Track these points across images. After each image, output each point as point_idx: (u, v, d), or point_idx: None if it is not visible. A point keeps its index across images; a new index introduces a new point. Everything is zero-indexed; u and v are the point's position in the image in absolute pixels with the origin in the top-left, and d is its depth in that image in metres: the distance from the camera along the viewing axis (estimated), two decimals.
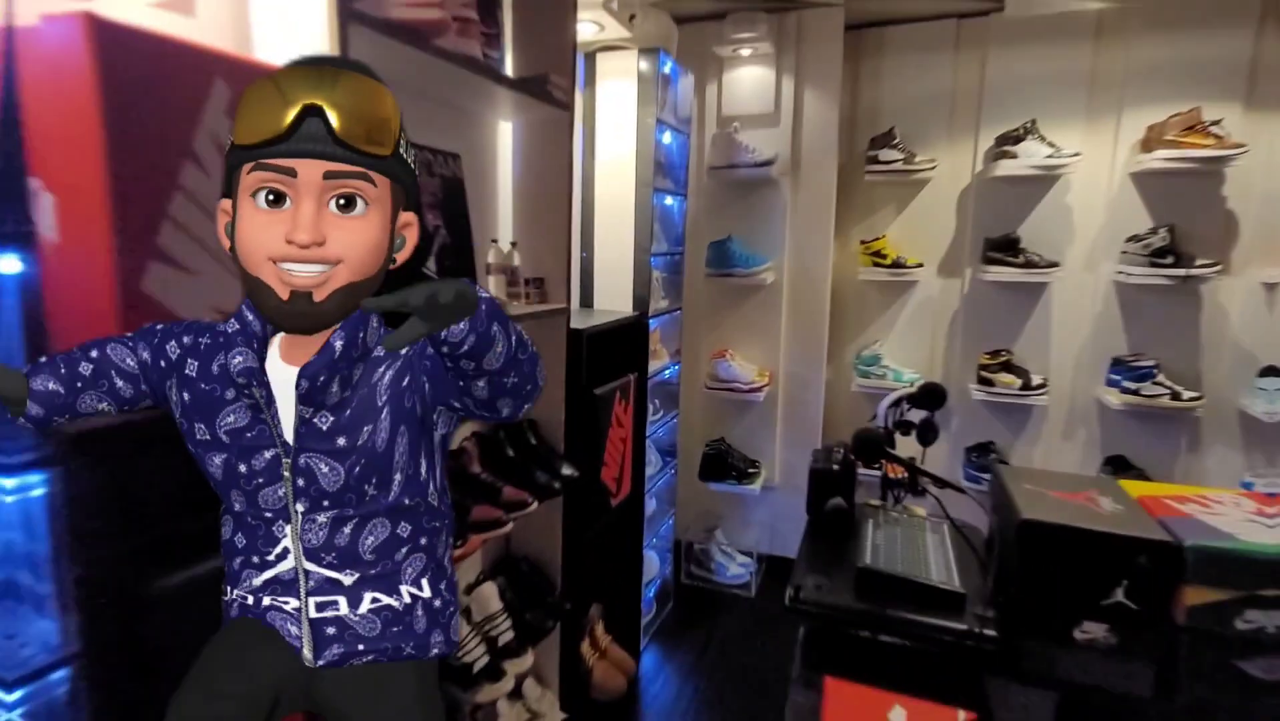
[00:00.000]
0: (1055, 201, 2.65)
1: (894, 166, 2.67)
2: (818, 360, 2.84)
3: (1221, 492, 1.70)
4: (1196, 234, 2.44)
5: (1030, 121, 2.50)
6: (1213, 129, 2.26)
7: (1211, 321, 2.51)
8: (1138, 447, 2.64)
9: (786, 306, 2.83)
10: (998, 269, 2.60)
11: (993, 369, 2.66)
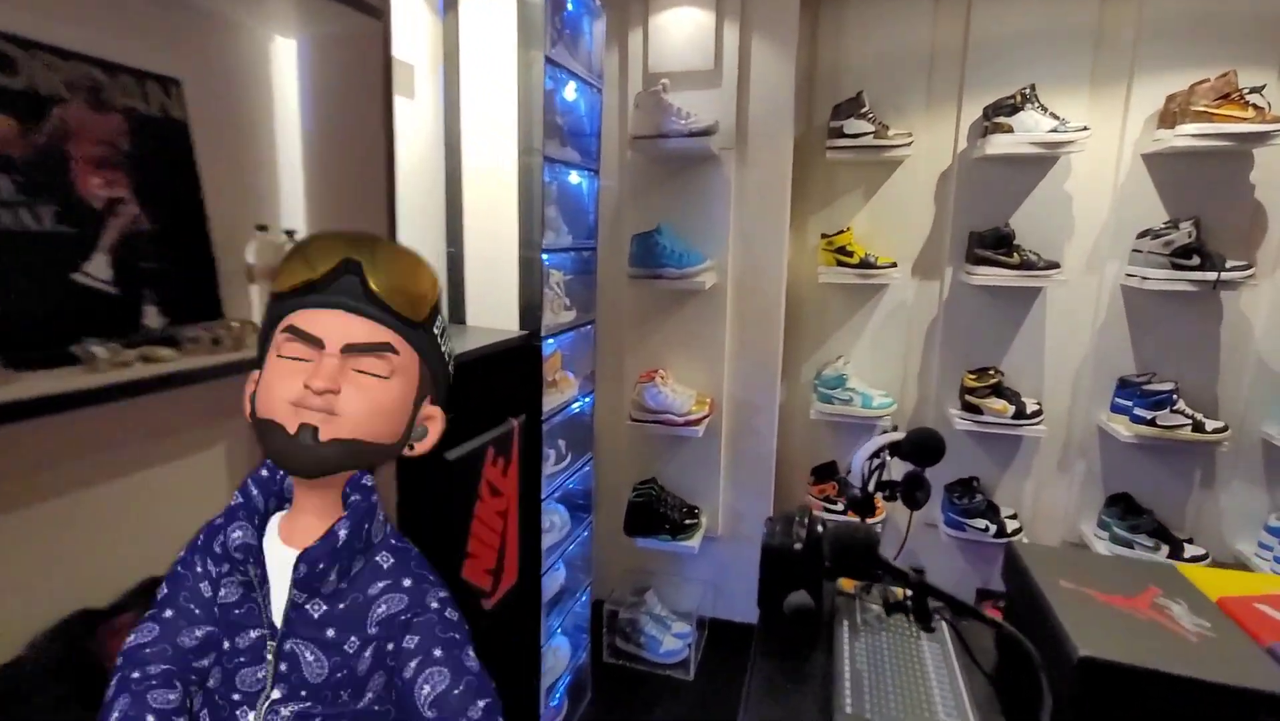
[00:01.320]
0: (1053, 189, 2.18)
1: (862, 141, 2.14)
2: (770, 382, 2.29)
3: None
4: (1220, 230, 2.01)
5: (1029, 87, 2.01)
6: (1251, 98, 1.82)
7: (1232, 335, 2.10)
8: (1145, 485, 2.21)
9: (731, 316, 2.26)
10: (987, 270, 2.12)
11: (981, 392, 2.17)
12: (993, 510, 2.27)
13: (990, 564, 2.46)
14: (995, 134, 2.02)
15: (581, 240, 1.79)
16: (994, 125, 2.03)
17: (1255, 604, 1.16)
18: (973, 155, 2.18)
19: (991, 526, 2.21)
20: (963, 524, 2.24)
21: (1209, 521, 2.19)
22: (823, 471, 2.43)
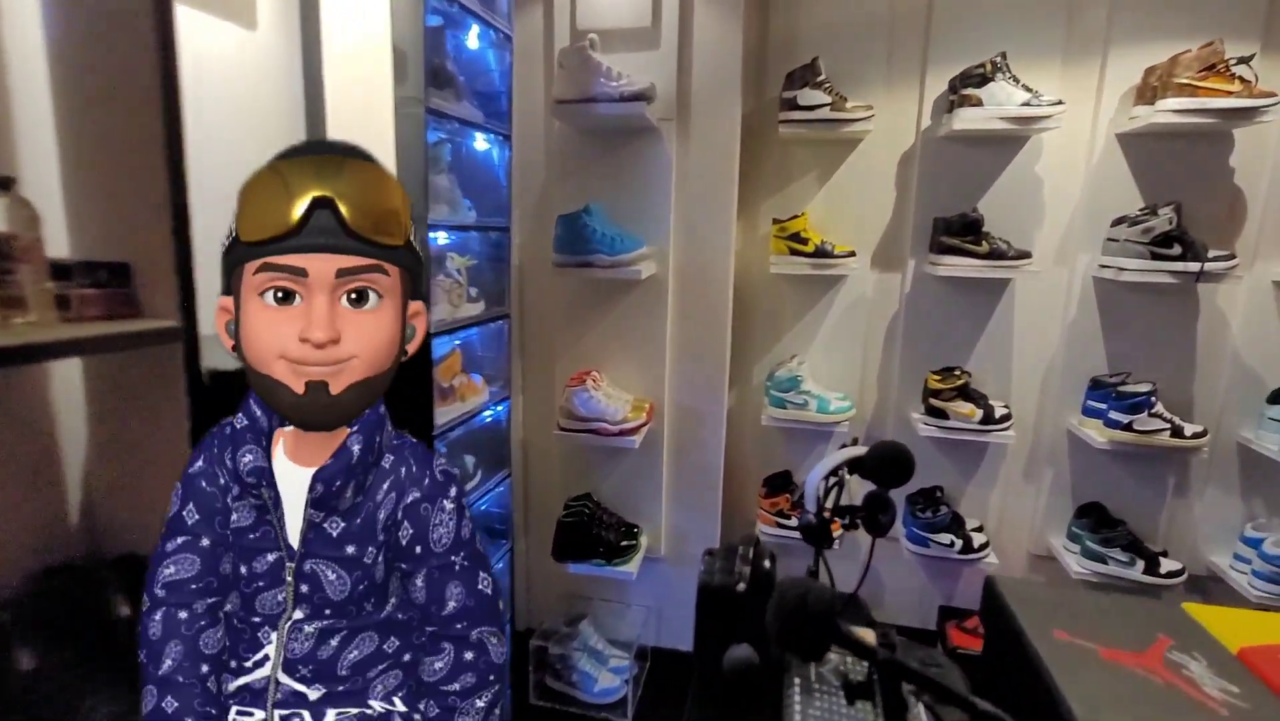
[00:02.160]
0: (1023, 171, 1.99)
1: (818, 114, 1.91)
2: (717, 384, 2.04)
3: None
4: (1198, 217, 1.86)
5: (999, 56, 1.81)
6: (1237, 70, 1.66)
7: (1208, 331, 1.95)
8: (1117, 493, 2.05)
9: (674, 310, 2.01)
10: (954, 259, 1.91)
11: (946, 395, 1.97)
12: (958, 523, 2.08)
13: (954, 579, 2.27)
14: (963, 107, 1.82)
15: (490, 218, 1.51)
16: (961, 98, 1.82)
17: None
18: (937, 133, 1.97)
19: (957, 541, 2.02)
20: (926, 539, 2.04)
21: (1182, 531, 2.05)
22: (775, 482, 2.20)
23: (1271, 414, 1.86)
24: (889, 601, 2.34)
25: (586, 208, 1.77)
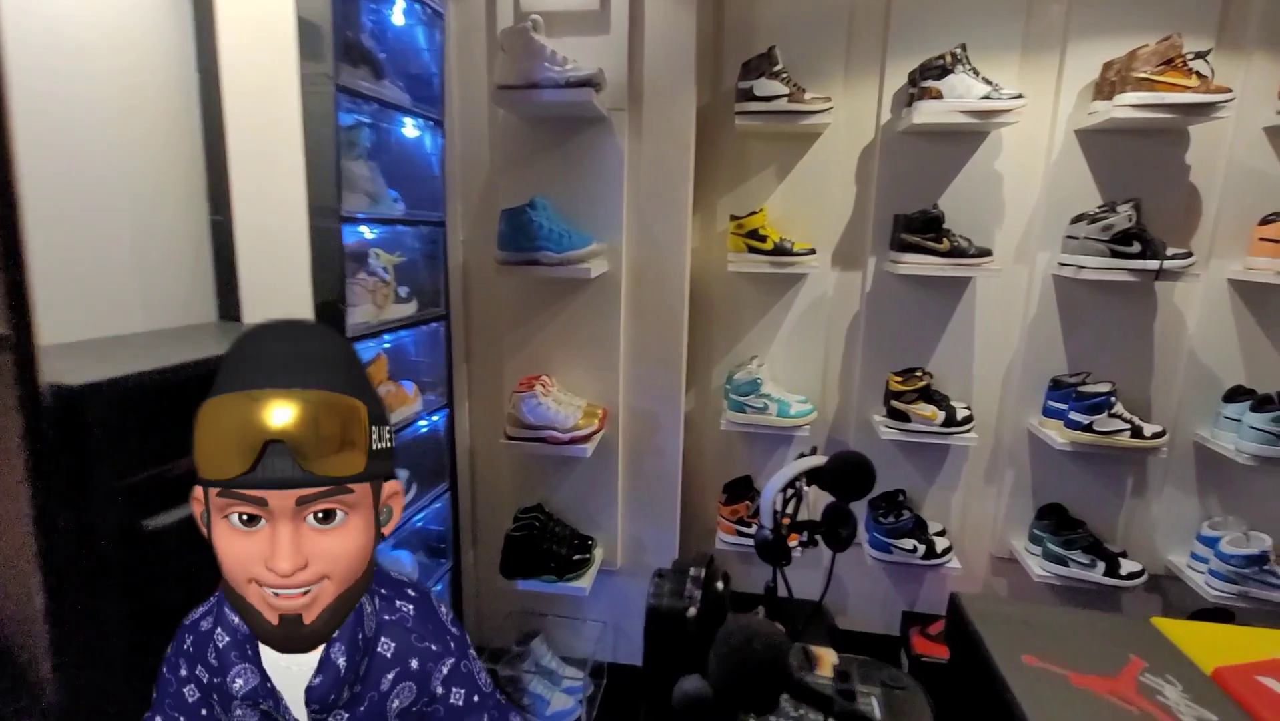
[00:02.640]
0: (983, 168, 1.95)
1: (775, 105, 1.83)
2: (673, 388, 1.95)
3: None
4: (1156, 214, 1.84)
5: (960, 47, 1.76)
6: (1194, 65, 1.63)
7: (1165, 330, 1.94)
8: (1077, 494, 2.03)
9: (628, 311, 1.91)
10: (915, 258, 1.86)
11: (908, 397, 1.92)
12: (920, 527, 2.03)
13: (918, 584, 2.23)
14: (922, 100, 1.76)
15: (422, 211, 1.38)
16: (921, 90, 1.76)
17: (1257, 676, 0.92)
18: (897, 127, 1.92)
19: (920, 547, 1.96)
20: (889, 545, 1.99)
21: (1141, 531, 2.04)
22: (736, 489, 2.12)
23: (1227, 412, 1.85)
24: (852, 608, 2.29)
25: (532, 202, 1.65)
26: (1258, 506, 1.92)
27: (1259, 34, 1.74)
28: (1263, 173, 1.79)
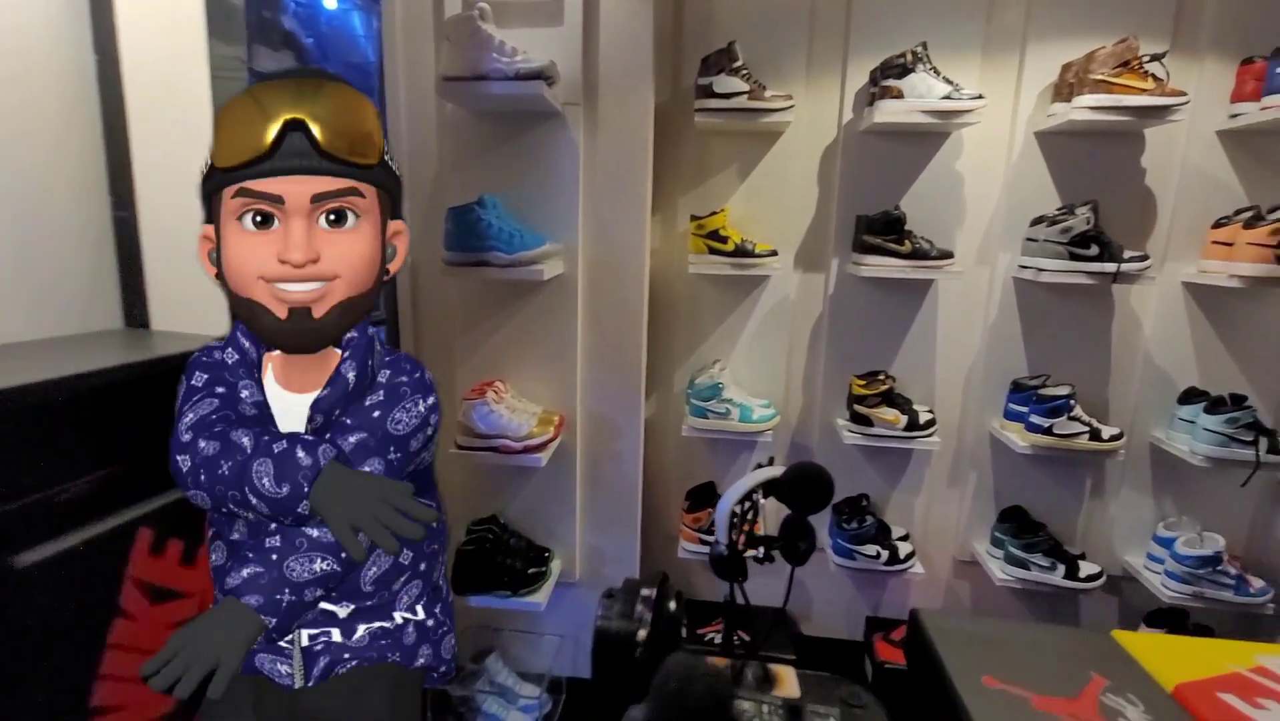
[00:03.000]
0: (944, 169, 1.93)
1: (735, 102, 1.78)
2: (633, 393, 1.89)
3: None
4: (1113, 217, 1.84)
5: (921, 45, 1.73)
6: (1150, 67, 1.63)
7: (1122, 333, 1.94)
8: (1037, 496, 2.03)
9: (585, 314, 1.84)
10: (877, 259, 1.83)
11: (870, 401, 1.89)
12: (884, 532, 2.01)
13: (881, 589, 2.21)
14: (884, 99, 1.73)
15: None
16: (883, 89, 1.73)
17: (1218, 693, 0.90)
18: (859, 127, 1.88)
19: (883, 553, 1.94)
20: (852, 551, 1.96)
21: (1099, 532, 2.05)
22: (698, 496, 2.07)
23: (1182, 414, 1.86)
24: (816, 614, 2.26)
25: (481, 199, 1.57)
26: (1211, 507, 1.94)
27: (1211, 37, 1.75)
28: (1215, 176, 1.80)
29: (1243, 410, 1.73)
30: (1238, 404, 1.74)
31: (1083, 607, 2.11)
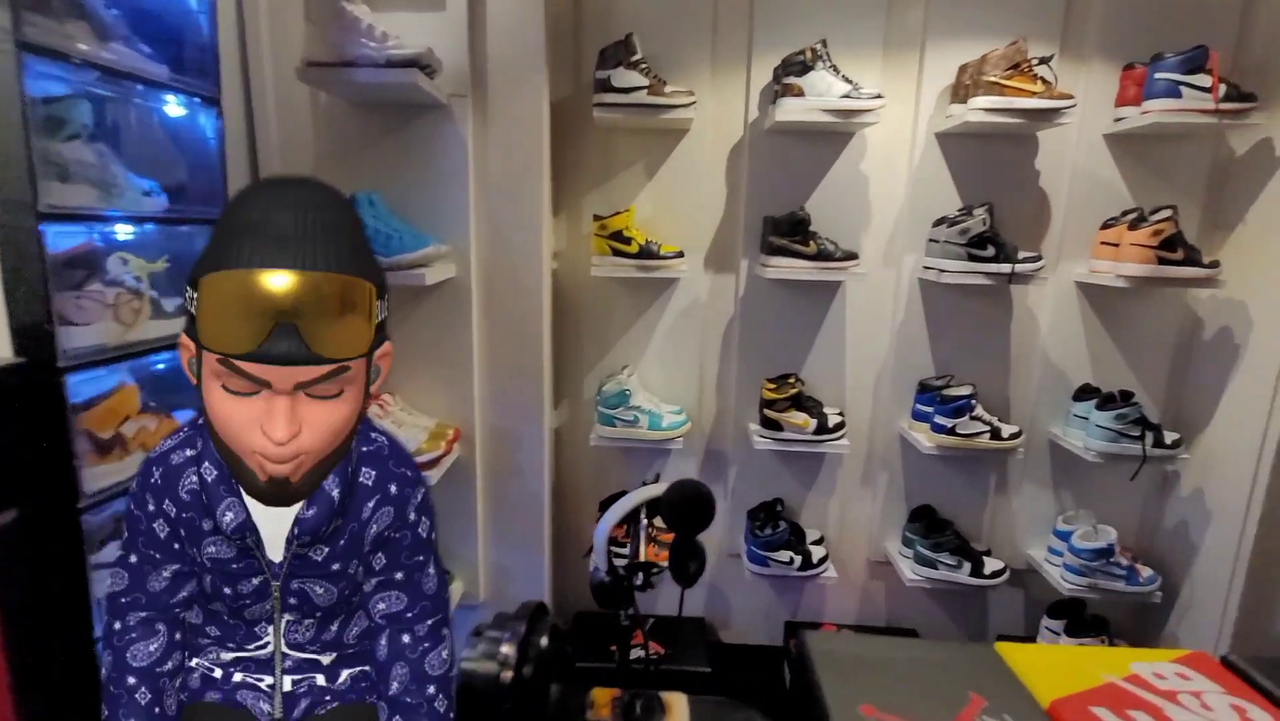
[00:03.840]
0: (849, 169, 1.91)
1: (634, 98, 1.71)
2: (535, 402, 1.79)
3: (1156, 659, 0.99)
4: (1010, 218, 1.87)
5: (820, 43, 1.70)
6: (1039, 70, 1.65)
7: (1021, 332, 1.98)
8: (945, 494, 2.05)
9: (480, 319, 1.73)
10: (783, 261, 1.79)
11: (780, 405, 1.86)
12: (799, 536, 1.98)
13: (799, 592, 2.19)
14: (785, 97, 1.69)
15: (196, 207, 1.15)
16: (784, 87, 1.70)
17: (1090, 707, 0.88)
18: (765, 125, 1.85)
19: (796, 559, 1.91)
20: (766, 559, 1.92)
21: (1004, 527, 2.08)
22: None
23: (1076, 411, 1.91)
24: (735, 621, 2.22)
25: (353, 197, 1.44)
26: (1105, 500, 2.00)
27: (1097, 43, 1.79)
28: (1103, 178, 1.85)
29: (1130, 406, 1.78)
30: (1126, 400, 1.80)
31: (991, 602, 2.15)
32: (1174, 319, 1.92)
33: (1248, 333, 1.76)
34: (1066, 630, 1.92)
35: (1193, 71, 1.60)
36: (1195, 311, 1.91)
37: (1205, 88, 1.59)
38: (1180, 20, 1.73)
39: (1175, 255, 1.65)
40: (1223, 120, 1.61)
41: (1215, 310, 1.86)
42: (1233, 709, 0.85)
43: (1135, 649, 0.99)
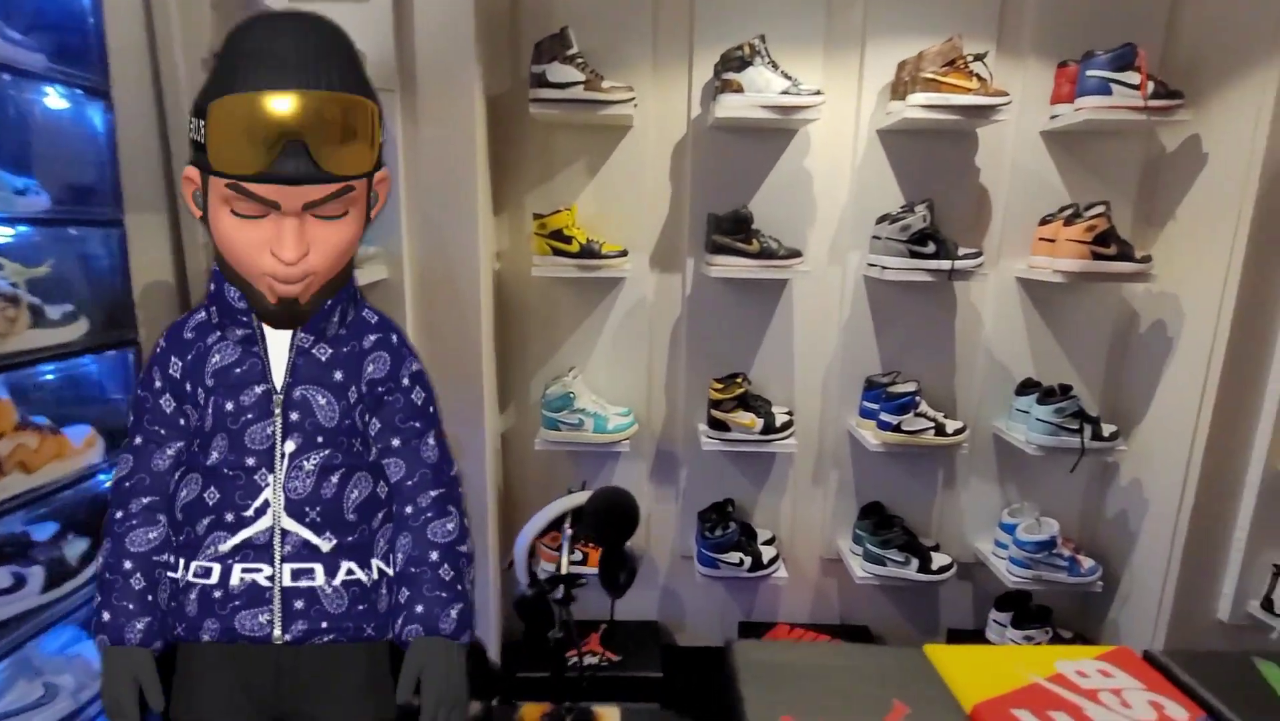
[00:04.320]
0: (792, 166, 1.90)
1: (571, 93, 1.67)
2: (475, 407, 1.74)
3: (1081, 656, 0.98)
4: (952, 215, 1.87)
5: (759, 38, 1.68)
6: (975, 67, 1.66)
7: (965, 328, 1.99)
8: (894, 491, 2.06)
9: (415, 323, 1.67)
10: (726, 259, 1.77)
11: (726, 405, 1.84)
12: (750, 536, 1.96)
13: (753, 593, 2.18)
14: (725, 93, 1.67)
15: (83, 207, 1.07)
16: (724, 83, 1.67)
17: (1011, 710, 0.87)
18: (707, 122, 1.82)
19: (746, 560, 1.89)
20: (715, 560, 1.90)
21: (951, 522, 2.10)
22: None
23: (1018, 405, 1.93)
24: (689, 623, 2.20)
25: None
26: (1049, 492, 2.03)
27: (1032, 40, 1.81)
28: (1041, 175, 1.87)
29: (1069, 400, 1.80)
30: (1065, 394, 1.82)
31: (942, 595, 2.16)
32: (1111, 313, 1.95)
33: (1180, 325, 1.79)
34: (1013, 622, 1.94)
35: (1122, 69, 1.62)
36: (1132, 305, 1.95)
37: (1134, 85, 1.61)
38: (1111, 18, 1.76)
39: (1109, 250, 1.68)
40: (1151, 117, 1.64)
41: (1150, 304, 1.90)
42: (1151, 705, 0.85)
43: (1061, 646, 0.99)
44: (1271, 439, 1.66)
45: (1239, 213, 1.61)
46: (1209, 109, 1.70)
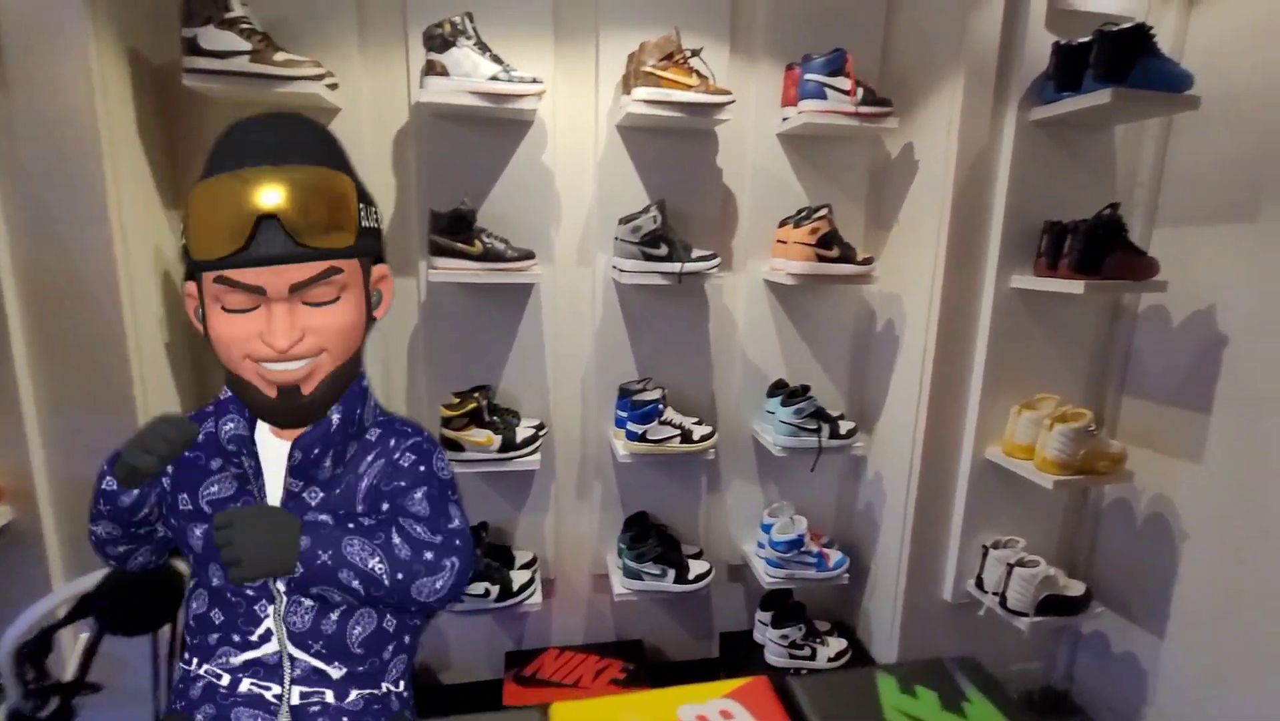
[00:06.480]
0: (530, 160, 1.76)
1: (233, 64, 1.40)
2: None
3: (709, 696, 0.92)
4: (694, 215, 1.83)
5: (463, 16, 1.51)
6: (694, 63, 1.60)
7: (719, 331, 1.97)
8: (659, 498, 2.00)
9: (26, 342, 1.33)
10: (448, 262, 1.60)
11: (457, 423, 1.66)
12: (504, 562, 1.81)
13: (521, 620, 2.04)
14: (430, 76, 1.49)
15: None
16: (428, 64, 1.49)
17: None
18: (427, 108, 1.63)
19: (493, 589, 1.74)
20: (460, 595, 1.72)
21: (719, 526, 2.08)
22: None
23: (768, 406, 1.93)
24: (455, 659, 2.01)
25: None
26: (806, 490, 2.07)
27: (764, 41, 1.80)
28: (779, 176, 1.88)
29: (806, 400, 1.82)
30: (804, 394, 1.84)
31: (714, 600, 2.15)
32: (851, 313, 2.01)
33: (904, 325, 1.87)
34: (773, 621, 1.95)
35: (834, 74, 1.64)
36: (870, 306, 2.02)
37: (845, 90, 1.64)
38: (832, 25, 1.79)
39: (831, 253, 1.70)
40: (863, 123, 1.68)
41: (883, 304, 1.98)
42: None
43: (689, 686, 0.94)
44: (976, 430, 1.77)
45: (940, 217, 1.69)
46: (916, 117, 1.78)
